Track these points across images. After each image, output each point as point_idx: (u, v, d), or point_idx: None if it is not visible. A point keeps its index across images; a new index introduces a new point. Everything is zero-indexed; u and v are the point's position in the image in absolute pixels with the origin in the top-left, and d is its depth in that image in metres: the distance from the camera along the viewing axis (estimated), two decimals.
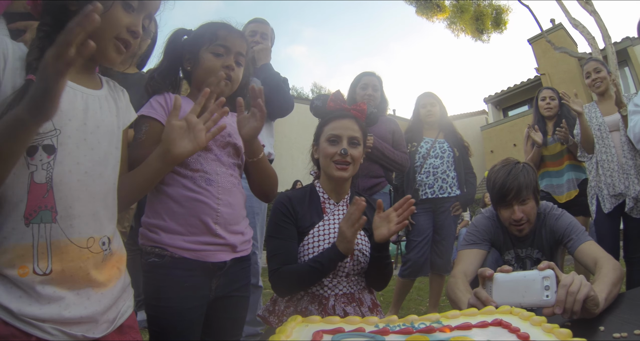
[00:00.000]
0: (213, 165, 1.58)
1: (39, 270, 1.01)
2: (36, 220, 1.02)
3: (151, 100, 1.58)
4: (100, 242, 1.14)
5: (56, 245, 1.04)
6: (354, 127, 1.86)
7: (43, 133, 1.04)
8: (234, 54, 1.65)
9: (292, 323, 1.01)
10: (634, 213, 3.13)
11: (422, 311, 4.07)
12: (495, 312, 1.11)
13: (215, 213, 1.53)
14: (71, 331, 1.03)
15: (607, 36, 11.05)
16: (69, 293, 1.04)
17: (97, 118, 1.17)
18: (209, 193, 1.53)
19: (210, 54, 1.62)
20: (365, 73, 3.47)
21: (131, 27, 1.18)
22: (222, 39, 1.63)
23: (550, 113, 3.85)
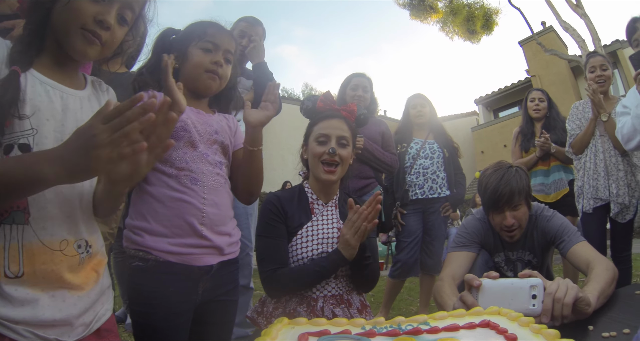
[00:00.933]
0: (199, 164, 1.54)
1: (10, 273, 0.98)
2: (8, 221, 1.00)
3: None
4: (76, 245, 1.11)
5: (28, 247, 1.01)
6: (343, 127, 1.85)
7: (20, 131, 1.02)
8: (222, 50, 1.63)
9: (278, 325, 1.00)
10: (619, 218, 3.12)
11: (413, 311, 4.07)
12: (483, 313, 1.10)
13: (200, 214, 1.50)
14: (44, 334, 1.01)
15: (597, 39, 11.16)
16: (43, 295, 1.02)
17: (77, 118, 1.14)
18: (194, 193, 1.50)
19: (199, 50, 1.61)
20: (355, 74, 3.46)
21: (98, 16, 1.10)
22: (211, 36, 1.62)
23: (539, 115, 3.82)
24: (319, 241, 1.77)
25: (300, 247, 1.76)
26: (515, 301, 1.30)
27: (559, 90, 4.03)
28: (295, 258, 1.76)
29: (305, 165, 1.99)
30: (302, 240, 1.77)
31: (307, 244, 1.76)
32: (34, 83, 1.08)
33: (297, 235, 1.78)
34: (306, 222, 1.81)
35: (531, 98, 3.88)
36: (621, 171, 3.13)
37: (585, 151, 3.32)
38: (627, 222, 3.15)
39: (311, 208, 1.86)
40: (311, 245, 1.76)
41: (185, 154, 1.52)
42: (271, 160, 14.30)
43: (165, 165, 1.50)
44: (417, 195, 3.61)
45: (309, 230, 1.79)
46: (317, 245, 1.76)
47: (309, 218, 1.82)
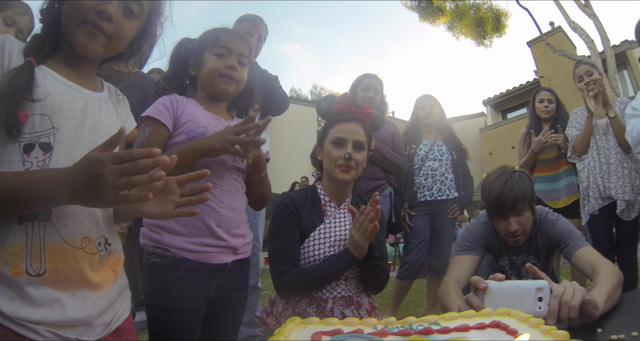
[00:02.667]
0: (218, 169, 1.60)
1: (31, 270, 0.99)
2: (30, 218, 1.01)
3: (157, 101, 1.60)
4: (97, 243, 1.12)
5: (50, 244, 1.02)
6: (360, 131, 1.86)
7: (41, 131, 1.04)
8: (236, 54, 1.67)
9: (290, 324, 1.02)
10: (624, 216, 3.13)
11: (420, 313, 4.07)
12: (493, 314, 1.11)
13: (218, 216, 1.56)
14: (65, 334, 1.01)
15: (606, 39, 11.07)
16: (63, 295, 1.03)
17: (96, 118, 1.17)
18: (213, 197, 1.55)
19: (213, 56, 1.66)
20: (366, 75, 3.46)
21: (97, 6, 1.11)
22: (224, 41, 1.66)
23: (548, 116, 3.77)
24: (331, 243, 1.78)
25: (313, 249, 1.78)
26: (522, 303, 1.30)
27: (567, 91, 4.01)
28: (308, 260, 1.77)
29: (317, 166, 2.00)
30: (315, 242, 1.78)
31: (320, 246, 1.78)
32: (54, 83, 1.10)
33: (309, 237, 1.79)
34: (319, 224, 1.82)
35: (540, 99, 3.82)
36: (626, 168, 3.15)
37: (588, 152, 3.33)
38: (632, 224, 3.16)
39: (324, 210, 1.87)
40: (323, 247, 1.78)
41: (205, 160, 1.57)
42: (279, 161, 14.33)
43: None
44: (426, 197, 3.61)
45: (322, 232, 1.80)
46: (330, 247, 1.78)
47: (322, 220, 1.84)
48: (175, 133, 1.59)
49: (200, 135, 1.57)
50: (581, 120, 3.43)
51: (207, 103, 1.71)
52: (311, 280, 1.71)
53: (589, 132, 3.30)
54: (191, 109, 1.63)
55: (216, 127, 1.64)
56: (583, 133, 3.32)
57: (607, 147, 3.25)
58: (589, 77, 3.45)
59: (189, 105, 1.65)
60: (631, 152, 3.14)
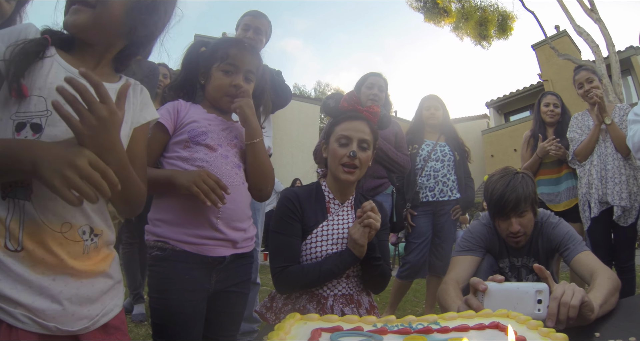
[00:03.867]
0: (218, 163, 1.62)
1: (10, 245, 1.00)
2: (11, 195, 1.02)
3: (162, 107, 1.67)
4: (80, 231, 1.10)
5: (28, 223, 1.02)
6: (365, 130, 1.86)
7: (35, 111, 1.05)
8: (243, 72, 1.72)
9: (290, 320, 1.02)
10: (621, 222, 3.15)
11: (418, 312, 4.07)
12: (492, 315, 1.11)
13: (217, 210, 1.57)
14: (44, 322, 1.00)
15: (611, 44, 11.03)
16: (43, 278, 1.02)
17: None
18: None
19: (220, 72, 1.71)
20: (371, 73, 3.47)
21: None
22: (233, 57, 1.70)
23: (552, 120, 3.76)
24: (334, 241, 1.79)
25: (315, 246, 1.78)
26: (521, 305, 1.30)
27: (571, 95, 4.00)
28: (309, 257, 1.78)
29: (322, 163, 2.00)
30: (317, 239, 1.79)
31: (322, 243, 1.78)
32: (58, 69, 1.12)
33: (312, 234, 1.80)
34: (322, 221, 1.83)
35: (545, 102, 3.81)
36: (623, 175, 3.17)
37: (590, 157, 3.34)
38: (630, 230, 3.18)
39: (327, 207, 1.88)
40: (326, 244, 1.78)
41: (206, 155, 1.61)
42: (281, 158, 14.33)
43: (186, 163, 1.58)
44: (428, 198, 3.62)
45: (325, 229, 1.81)
46: (332, 245, 1.78)
47: (325, 217, 1.84)
48: (178, 133, 1.64)
49: (202, 134, 1.63)
50: (582, 125, 3.46)
51: (212, 109, 1.75)
52: (311, 278, 1.72)
53: (595, 140, 3.31)
54: (195, 112, 1.69)
55: (218, 126, 1.69)
56: (588, 140, 3.32)
57: (605, 154, 3.27)
58: (589, 84, 3.47)
59: (193, 109, 1.70)
60: (630, 158, 3.16)
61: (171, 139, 1.64)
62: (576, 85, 3.58)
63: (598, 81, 3.49)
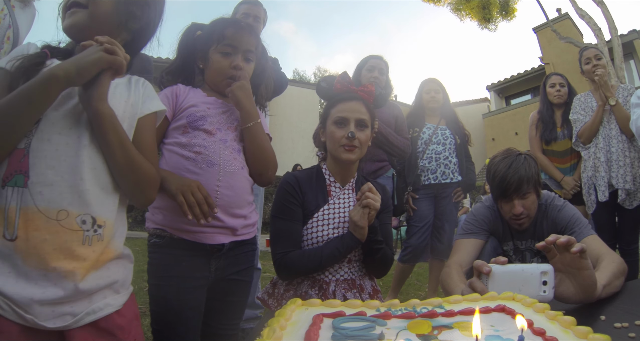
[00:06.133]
0: (216, 148, 1.59)
1: (7, 234, 1.02)
2: (11, 183, 1.04)
3: (160, 93, 1.63)
4: (79, 220, 1.09)
5: (24, 210, 1.04)
6: (362, 109, 1.82)
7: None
8: (242, 51, 1.69)
9: (292, 306, 1.00)
10: (626, 204, 3.13)
11: (422, 296, 4.08)
12: (497, 298, 1.10)
13: (214, 195, 1.54)
14: (23, 313, 1.00)
15: (614, 28, 10.95)
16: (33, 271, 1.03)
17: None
18: (209, 175, 1.55)
19: (218, 54, 1.68)
20: (372, 56, 3.43)
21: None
22: (230, 38, 1.67)
23: (560, 101, 3.66)
24: (335, 225, 1.76)
25: (316, 230, 1.76)
26: (526, 287, 1.29)
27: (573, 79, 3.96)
28: (311, 241, 1.75)
29: (322, 147, 1.97)
30: (319, 223, 1.77)
31: (323, 227, 1.76)
32: None
33: (313, 218, 1.78)
34: (323, 204, 1.80)
35: (551, 83, 3.72)
36: (628, 158, 3.13)
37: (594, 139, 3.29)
38: (634, 214, 3.15)
39: (328, 190, 1.85)
40: (327, 228, 1.76)
41: (204, 140, 1.58)
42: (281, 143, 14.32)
43: (184, 149, 1.56)
44: (430, 180, 3.60)
45: (326, 213, 1.78)
46: (334, 229, 1.76)
47: (326, 200, 1.82)
48: (177, 118, 1.62)
49: (200, 118, 1.60)
50: (585, 106, 3.40)
51: (212, 92, 1.73)
52: (312, 263, 1.70)
53: (599, 121, 3.26)
54: (193, 96, 1.66)
55: (218, 109, 1.67)
56: (592, 121, 3.27)
57: (609, 136, 3.22)
58: (597, 60, 3.41)
59: (192, 93, 1.68)
60: (635, 140, 3.11)
61: (170, 125, 1.62)
62: (583, 60, 3.52)
63: (605, 61, 3.44)
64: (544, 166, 3.62)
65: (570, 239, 1.30)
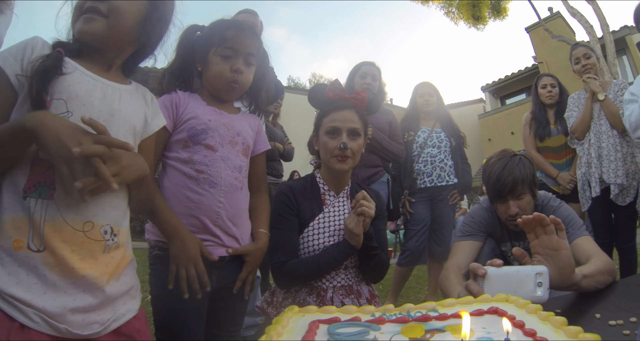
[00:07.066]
0: (218, 168, 1.58)
1: (33, 245, 1.01)
2: (34, 195, 1.03)
3: (159, 100, 1.60)
4: (102, 230, 1.12)
5: (50, 222, 1.04)
6: (354, 118, 1.81)
7: (56, 113, 1.07)
8: (242, 55, 1.65)
9: (288, 313, 1.02)
10: (619, 201, 3.12)
11: (421, 299, 4.09)
12: (491, 300, 1.11)
13: (215, 215, 1.56)
14: (56, 323, 1.01)
15: (605, 25, 11.03)
16: (61, 281, 1.03)
17: (114, 107, 1.20)
18: (211, 196, 1.55)
19: (218, 57, 1.63)
20: (364, 62, 3.45)
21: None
22: (230, 40, 1.63)
23: (552, 101, 3.71)
24: (331, 233, 1.77)
25: (312, 239, 1.77)
26: (521, 289, 1.30)
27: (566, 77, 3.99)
28: (307, 250, 1.76)
29: (316, 155, 1.97)
30: (314, 232, 1.77)
31: (319, 236, 1.77)
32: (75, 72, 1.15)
33: (308, 227, 1.78)
34: (318, 213, 1.81)
35: (542, 84, 3.76)
36: (619, 152, 3.13)
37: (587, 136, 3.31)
38: (629, 211, 3.15)
39: (323, 199, 1.85)
40: (323, 237, 1.77)
41: (206, 157, 1.57)
42: None
43: (185, 166, 1.55)
44: (426, 183, 3.61)
45: (321, 221, 1.79)
46: (329, 237, 1.77)
47: (321, 209, 1.82)
48: (177, 131, 1.60)
49: (202, 132, 1.58)
50: (579, 104, 3.42)
51: (211, 99, 1.71)
52: (310, 271, 1.71)
53: (589, 114, 3.28)
54: (193, 106, 1.62)
55: (219, 121, 1.64)
56: (583, 115, 3.30)
57: (600, 131, 3.23)
58: (586, 59, 3.45)
59: (192, 102, 1.64)
60: (627, 135, 3.12)
61: (171, 137, 1.60)
62: (573, 60, 3.57)
63: (595, 58, 3.47)
64: (539, 164, 3.64)
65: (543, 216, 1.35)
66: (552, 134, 3.64)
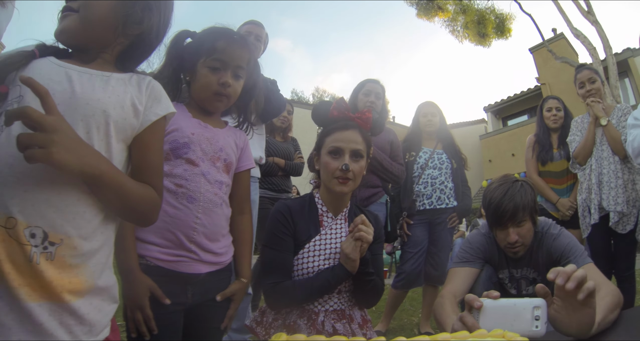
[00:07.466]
0: (197, 182, 1.55)
1: None
2: None
3: None
4: (28, 232, 0.92)
5: None
6: (357, 139, 1.77)
7: (11, 99, 1.02)
8: (231, 67, 1.61)
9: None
10: (619, 229, 3.07)
11: (414, 322, 4.03)
12: (487, 336, 1.06)
13: (191, 231, 1.51)
14: None
15: (608, 47, 11.10)
16: None
17: (77, 90, 1.06)
18: (189, 211, 1.51)
19: (206, 69, 1.59)
20: (369, 80, 3.44)
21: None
22: (220, 51, 1.58)
23: (557, 125, 3.68)
24: (327, 256, 1.73)
25: (307, 261, 1.72)
26: (518, 322, 1.26)
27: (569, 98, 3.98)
28: (301, 272, 1.72)
29: (315, 173, 1.94)
30: (310, 254, 1.73)
31: (315, 258, 1.73)
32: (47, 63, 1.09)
33: (304, 249, 1.74)
34: (314, 235, 1.77)
35: (548, 107, 3.73)
36: (620, 179, 3.09)
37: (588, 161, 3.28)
38: (629, 239, 3.10)
39: (320, 220, 1.81)
40: (318, 259, 1.72)
41: (186, 171, 1.53)
42: None
43: (165, 179, 1.50)
44: (425, 206, 3.57)
45: (317, 244, 1.75)
46: (325, 260, 1.73)
47: (318, 231, 1.78)
48: None
49: (183, 145, 1.55)
50: (582, 128, 3.39)
51: (198, 111, 1.67)
52: (302, 294, 1.67)
53: (592, 139, 3.25)
54: (178, 117, 1.55)
55: (202, 135, 1.60)
56: (585, 140, 3.27)
57: (601, 157, 3.20)
58: (591, 84, 3.42)
59: (177, 112, 1.59)
60: (629, 162, 3.09)
61: None
62: (577, 84, 3.52)
63: (600, 82, 3.44)
64: (539, 188, 3.60)
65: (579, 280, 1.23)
66: (555, 159, 3.61)
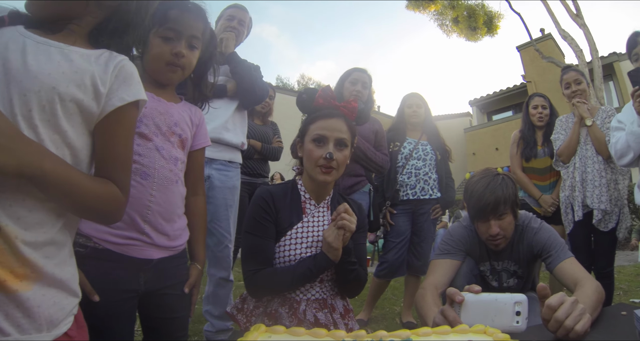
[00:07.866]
0: (152, 158, 1.48)
1: None
2: None
3: None
4: None
5: None
6: (342, 128, 1.74)
7: None
8: (185, 37, 1.55)
9: (254, 333, 0.96)
10: (601, 226, 3.12)
11: (396, 311, 4.05)
12: (468, 331, 1.06)
13: (145, 210, 1.45)
14: None
15: (595, 50, 11.24)
16: None
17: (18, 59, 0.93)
18: (142, 188, 1.45)
19: (159, 39, 1.53)
20: (356, 69, 3.40)
21: None
22: (173, 21, 1.52)
23: (542, 123, 3.71)
24: (309, 244, 1.70)
25: (289, 248, 1.69)
26: (499, 317, 1.26)
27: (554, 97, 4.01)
28: (283, 259, 1.69)
29: (298, 160, 1.90)
30: (291, 241, 1.70)
31: (296, 246, 1.70)
32: (10, 30, 0.98)
33: (286, 236, 1.71)
34: (297, 222, 1.73)
35: (534, 105, 3.75)
36: (604, 178, 3.13)
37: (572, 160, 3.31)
38: (610, 236, 3.15)
39: (303, 207, 1.78)
40: (300, 247, 1.70)
41: (139, 146, 1.46)
42: None
43: None
44: (408, 196, 3.57)
45: (299, 231, 1.72)
46: (306, 248, 1.70)
47: (300, 218, 1.75)
48: None
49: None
50: (567, 127, 3.42)
51: (151, 84, 1.58)
52: (283, 282, 1.64)
53: (576, 139, 3.28)
54: None
55: (155, 109, 1.54)
56: (570, 139, 3.30)
57: (585, 156, 3.24)
58: (577, 85, 3.44)
59: None
60: (612, 162, 3.13)
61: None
62: (563, 84, 3.55)
63: (585, 84, 3.47)
64: (522, 184, 3.64)
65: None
66: (539, 156, 3.64)
